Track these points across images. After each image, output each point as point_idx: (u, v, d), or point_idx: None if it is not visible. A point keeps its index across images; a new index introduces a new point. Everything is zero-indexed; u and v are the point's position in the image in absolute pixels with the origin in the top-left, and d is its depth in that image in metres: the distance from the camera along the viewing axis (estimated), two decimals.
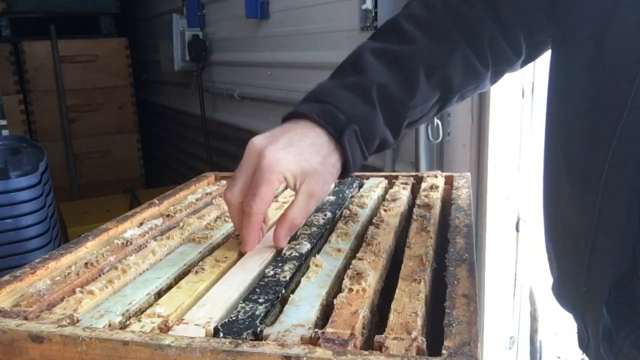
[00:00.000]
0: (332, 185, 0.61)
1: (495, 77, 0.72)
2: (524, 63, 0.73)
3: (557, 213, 0.66)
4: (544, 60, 0.74)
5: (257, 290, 0.50)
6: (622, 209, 0.55)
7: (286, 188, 0.82)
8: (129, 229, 0.69)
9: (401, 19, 0.68)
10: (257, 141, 0.59)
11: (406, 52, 0.64)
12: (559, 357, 1.91)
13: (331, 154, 0.60)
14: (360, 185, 0.88)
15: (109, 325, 0.45)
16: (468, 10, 0.66)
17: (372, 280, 0.51)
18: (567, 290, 0.67)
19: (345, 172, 0.63)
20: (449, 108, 0.75)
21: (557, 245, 0.68)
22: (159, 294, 0.52)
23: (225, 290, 0.51)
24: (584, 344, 0.66)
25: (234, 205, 0.61)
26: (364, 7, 1.53)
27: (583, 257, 0.60)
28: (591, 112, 0.57)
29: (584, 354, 0.68)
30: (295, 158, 0.58)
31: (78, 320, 0.45)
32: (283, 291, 0.51)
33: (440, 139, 1.43)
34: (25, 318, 0.45)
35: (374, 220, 0.68)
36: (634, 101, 0.52)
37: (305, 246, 0.61)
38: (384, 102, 0.62)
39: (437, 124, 1.41)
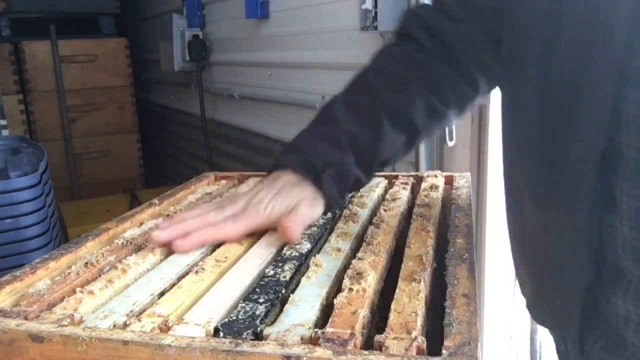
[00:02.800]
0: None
1: (460, 114, 0.77)
2: (488, 92, 0.78)
3: (525, 231, 0.68)
4: None
5: (257, 290, 0.51)
6: (584, 223, 0.57)
7: None
8: (129, 229, 0.69)
9: (368, 72, 0.75)
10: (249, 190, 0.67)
11: (371, 103, 0.71)
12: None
13: (309, 188, 0.66)
14: None
15: (114, 325, 0.45)
16: (424, 60, 0.72)
17: (372, 280, 0.51)
18: (543, 306, 0.70)
19: (326, 210, 0.69)
20: (417, 144, 0.82)
21: (530, 263, 0.70)
22: (162, 294, 0.52)
23: (225, 290, 0.51)
24: (565, 357, 0.69)
25: (204, 221, 0.63)
26: (364, 7, 1.53)
27: (555, 271, 0.63)
28: (543, 143, 0.60)
29: None
30: (280, 200, 0.64)
31: (83, 321, 0.45)
32: (283, 291, 0.51)
33: (454, 141, 1.42)
34: (25, 318, 0.45)
35: (374, 220, 0.68)
36: (578, 131, 0.54)
37: (305, 246, 0.61)
38: (354, 147, 0.68)
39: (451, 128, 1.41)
